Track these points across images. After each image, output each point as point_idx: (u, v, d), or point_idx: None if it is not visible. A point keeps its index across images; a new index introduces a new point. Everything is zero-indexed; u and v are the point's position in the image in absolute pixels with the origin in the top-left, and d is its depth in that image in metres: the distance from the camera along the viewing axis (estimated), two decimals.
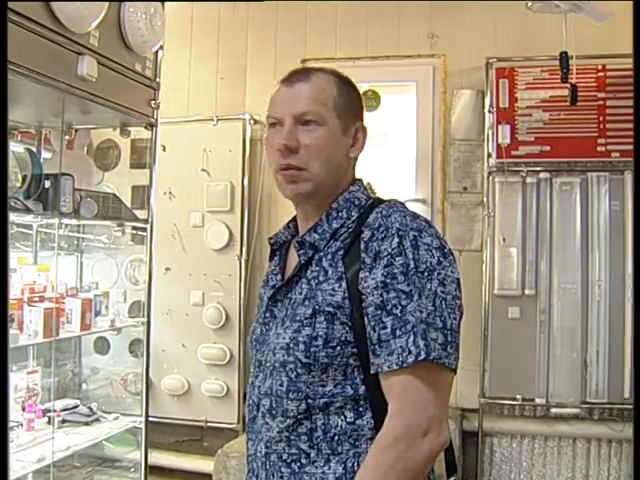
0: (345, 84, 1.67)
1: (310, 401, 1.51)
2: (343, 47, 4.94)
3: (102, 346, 4.59)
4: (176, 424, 4.96)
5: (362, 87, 4.90)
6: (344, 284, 1.51)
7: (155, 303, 3.97)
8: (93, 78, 2.73)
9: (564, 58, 2.87)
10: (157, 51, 3.26)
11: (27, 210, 2.68)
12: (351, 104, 1.65)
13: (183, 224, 4.92)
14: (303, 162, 1.58)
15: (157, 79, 3.27)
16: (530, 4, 3.08)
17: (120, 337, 4.40)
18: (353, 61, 4.92)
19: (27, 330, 2.74)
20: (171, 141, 4.67)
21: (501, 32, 4.70)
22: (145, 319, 3.41)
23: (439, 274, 1.49)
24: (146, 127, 3.26)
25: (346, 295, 1.50)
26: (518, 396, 4.49)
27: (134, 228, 3.58)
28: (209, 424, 4.91)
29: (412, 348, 1.42)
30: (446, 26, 4.81)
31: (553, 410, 4.45)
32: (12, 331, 2.69)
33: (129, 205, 4.20)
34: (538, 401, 4.46)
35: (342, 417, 1.51)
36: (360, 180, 1.69)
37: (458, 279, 1.55)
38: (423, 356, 1.41)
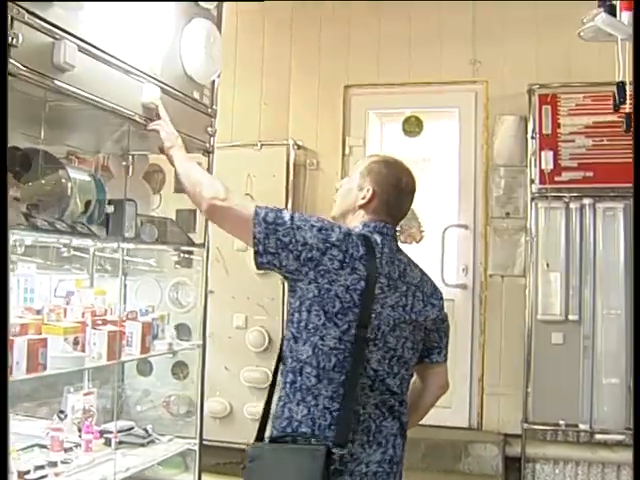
0: (376, 163, 2.30)
1: None
2: (385, 73, 5.01)
3: (145, 368, 4.61)
4: (218, 447, 4.95)
5: (404, 113, 4.99)
6: None
7: (199, 325, 3.98)
8: (155, 106, 2.79)
9: (621, 88, 2.89)
10: (214, 79, 3.32)
11: (92, 235, 2.74)
12: (373, 174, 2.26)
13: (226, 248, 4.96)
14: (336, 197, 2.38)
15: (214, 106, 3.34)
16: (582, 33, 3.10)
17: (163, 359, 4.43)
18: (395, 87, 4.98)
19: (91, 352, 2.79)
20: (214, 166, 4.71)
21: (543, 58, 4.74)
22: (200, 342, 3.45)
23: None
24: (203, 153, 3.31)
25: None
26: (561, 422, 4.47)
27: (184, 252, 3.62)
28: None
29: None
30: (488, 52, 4.86)
31: (597, 436, 4.43)
32: (77, 353, 2.74)
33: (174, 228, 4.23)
34: (582, 427, 4.44)
35: None
36: (367, 223, 2.21)
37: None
38: None
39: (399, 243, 2.27)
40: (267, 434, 2.12)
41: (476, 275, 4.85)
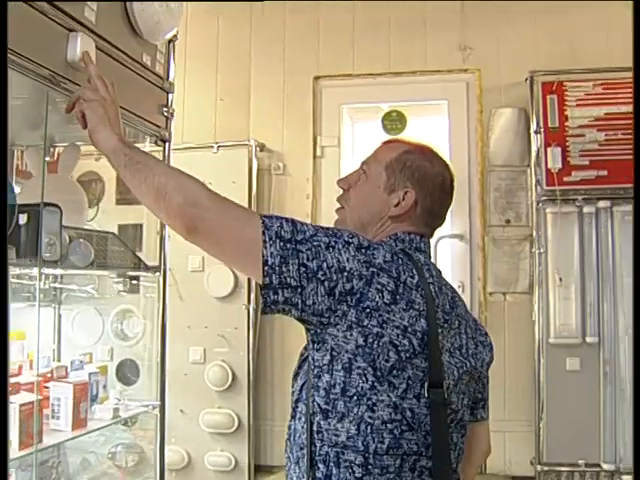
0: (411, 153, 1.62)
1: None
2: (361, 62, 4.09)
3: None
4: None
5: (384, 108, 4.06)
6: None
7: (147, 361, 3.02)
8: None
9: None
10: (170, 43, 2.29)
11: None
12: (411, 170, 1.59)
13: (180, 269, 3.91)
14: (345, 201, 1.66)
15: (170, 79, 2.30)
16: None
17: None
18: (373, 77, 4.07)
19: None
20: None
21: (543, 43, 3.94)
22: (157, 402, 2.37)
23: None
24: (157, 142, 2.26)
25: None
26: (581, 461, 3.62)
27: (132, 278, 2.58)
28: None
29: None
30: (480, 37, 4.00)
31: (624, 478, 3.57)
32: None
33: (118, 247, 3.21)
34: (605, 467, 3.59)
35: None
36: (401, 237, 1.58)
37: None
38: None
39: None
40: None
41: (474, 293, 3.94)
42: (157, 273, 2.37)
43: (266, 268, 1.32)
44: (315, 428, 1.38)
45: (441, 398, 1.40)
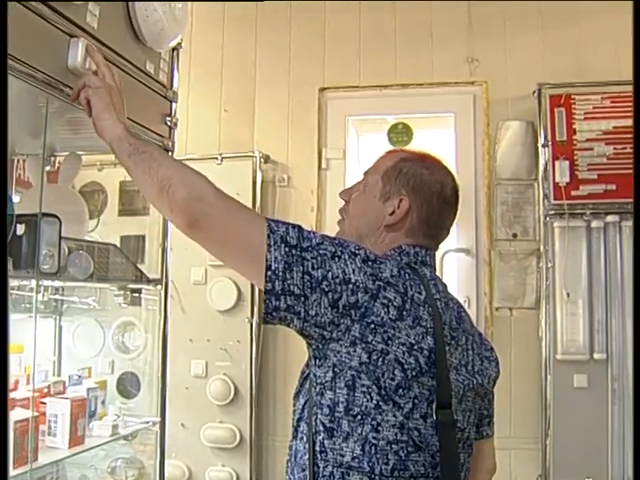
0: (409, 161, 1.59)
1: None
2: (367, 74, 4.00)
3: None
4: None
5: (390, 120, 4.00)
6: None
7: (148, 374, 3.04)
8: (90, 72, 1.70)
9: None
10: (174, 50, 2.24)
11: None
12: (406, 177, 1.56)
13: (182, 281, 3.84)
14: (345, 212, 1.64)
15: (174, 88, 2.25)
16: None
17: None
18: (379, 89, 3.99)
19: None
20: None
21: (550, 55, 3.84)
22: (158, 419, 2.31)
23: None
24: None
25: None
26: (588, 479, 3.49)
27: (134, 291, 2.52)
28: None
29: None
30: (487, 49, 3.90)
31: None
32: None
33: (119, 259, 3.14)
34: None
35: None
36: (405, 250, 1.52)
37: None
38: None
39: None
40: None
41: (480, 308, 3.83)
42: (159, 286, 2.30)
43: (269, 273, 1.29)
44: (318, 448, 1.33)
45: (450, 419, 1.36)
